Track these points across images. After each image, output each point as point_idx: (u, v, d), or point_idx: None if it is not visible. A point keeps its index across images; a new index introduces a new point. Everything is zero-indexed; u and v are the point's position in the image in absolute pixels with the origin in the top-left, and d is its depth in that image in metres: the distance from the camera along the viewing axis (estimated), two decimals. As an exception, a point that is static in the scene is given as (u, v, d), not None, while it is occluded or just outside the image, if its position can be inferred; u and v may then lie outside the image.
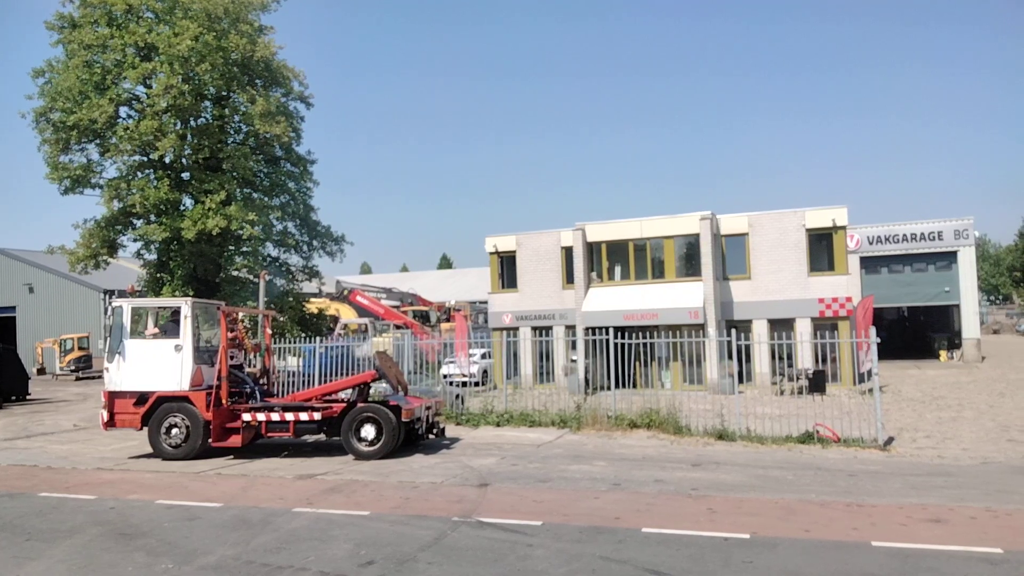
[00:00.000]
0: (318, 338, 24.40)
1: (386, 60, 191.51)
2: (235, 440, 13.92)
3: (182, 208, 26.97)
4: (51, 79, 26.34)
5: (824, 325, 24.46)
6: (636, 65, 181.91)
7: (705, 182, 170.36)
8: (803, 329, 24.87)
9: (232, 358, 14.66)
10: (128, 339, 14.21)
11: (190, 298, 14.64)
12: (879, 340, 14.46)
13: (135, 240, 27.83)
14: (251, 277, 27.39)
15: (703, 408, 17.45)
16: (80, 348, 41.12)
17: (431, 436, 14.88)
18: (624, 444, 14.33)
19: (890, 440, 13.98)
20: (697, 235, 25.95)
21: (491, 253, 30.50)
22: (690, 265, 26.70)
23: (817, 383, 21.83)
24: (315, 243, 30.50)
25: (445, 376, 22.50)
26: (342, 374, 18.69)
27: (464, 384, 21.17)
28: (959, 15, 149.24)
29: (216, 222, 24.86)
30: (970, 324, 35.19)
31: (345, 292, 40.47)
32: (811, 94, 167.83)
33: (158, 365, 14.04)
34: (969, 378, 26.80)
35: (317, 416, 13.73)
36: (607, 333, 17.20)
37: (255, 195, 28.31)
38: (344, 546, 7.82)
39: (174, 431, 13.77)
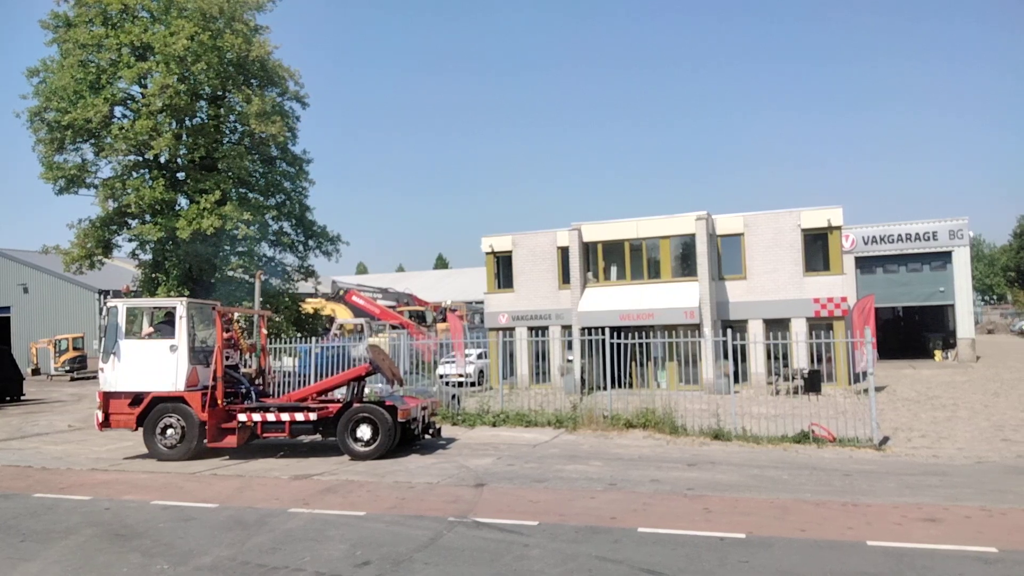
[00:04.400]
0: (314, 338, 24.41)
1: (381, 58, 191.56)
2: (230, 441, 13.88)
3: (177, 208, 26.92)
4: (46, 78, 26.28)
5: (819, 325, 24.54)
6: (633, 63, 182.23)
7: (701, 181, 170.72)
8: (798, 329, 24.93)
9: (227, 358, 14.62)
10: (123, 339, 14.16)
11: (185, 298, 14.59)
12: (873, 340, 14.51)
13: (130, 240, 27.80)
14: (247, 277, 27.35)
15: (699, 408, 17.48)
16: (75, 348, 41.00)
17: (427, 436, 14.87)
18: (620, 444, 14.34)
19: (885, 440, 14.02)
20: (693, 235, 26.00)
21: (487, 253, 30.51)
22: (686, 265, 26.75)
23: (812, 383, 21.90)
24: (311, 243, 30.47)
25: (441, 376, 22.51)
26: (338, 374, 18.66)
27: (460, 384, 21.17)
28: (955, 11, 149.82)
29: (211, 222, 24.81)
30: (965, 324, 35.32)
31: (341, 292, 40.43)
32: (808, 93, 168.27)
33: (153, 365, 13.99)
34: (964, 378, 26.89)
35: (313, 416, 13.71)
36: (603, 333, 17.21)
37: (250, 195, 28.26)
38: (340, 546, 7.81)
39: (169, 432, 13.73)
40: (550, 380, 27.13)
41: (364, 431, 13.33)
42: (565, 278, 28.30)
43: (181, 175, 27.50)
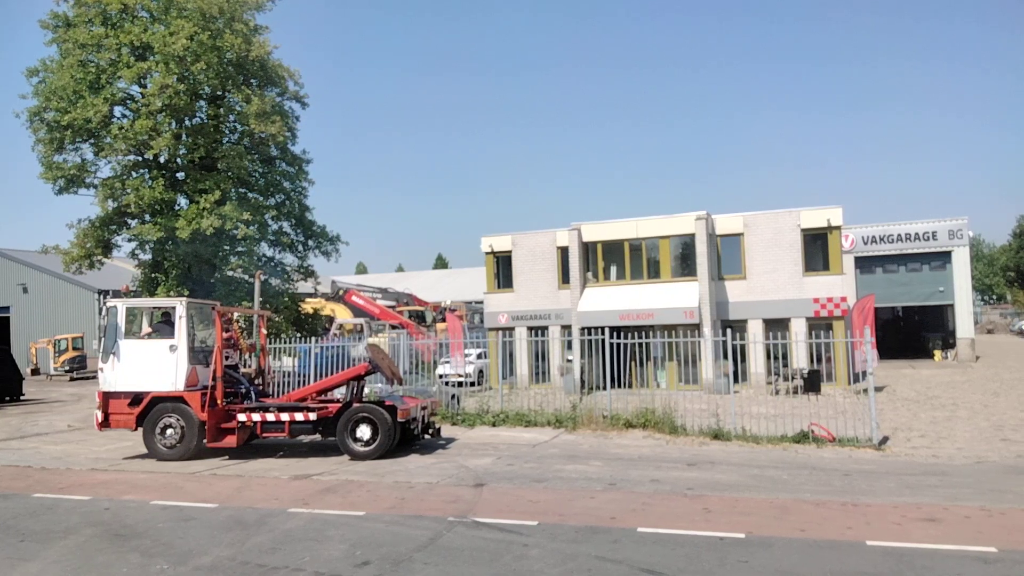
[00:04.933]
0: (313, 338, 24.40)
1: (381, 58, 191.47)
2: (230, 441, 13.87)
3: (177, 208, 26.93)
4: (45, 78, 26.30)
5: (819, 325, 24.54)
6: (633, 63, 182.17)
7: (701, 181, 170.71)
8: (798, 329, 24.94)
9: (227, 358, 14.62)
10: (123, 339, 14.15)
11: (185, 298, 14.58)
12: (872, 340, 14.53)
13: (129, 240, 27.81)
14: (246, 277, 27.35)
15: (698, 408, 17.48)
16: (74, 348, 40.97)
17: (427, 436, 14.87)
18: (620, 444, 14.34)
19: (885, 440, 14.02)
20: (692, 235, 26.00)
21: (487, 253, 30.52)
22: (685, 265, 26.75)
23: (812, 383, 21.90)
24: (310, 243, 30.49)
25: (441, 376, 22.50)
26: (337, 373, 18.65)
27: (460, 384, 21.16)
28: (955, 11, 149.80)
29: (211, 222, 24.82)
30: (964, 324, 35.33)
31: (341, 292, 40.44)
32: (808, 93, 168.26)
33: (153, 365, 13.98)
34: (963, 378, 26.89)
35: (312, 416, 13.70)
36: (603, 333, 17.21)
37: (250, 195, 28.29)
38: (340, 546, 7.81)
39: (169, 431, 13.72)
40: (550, 380, 27.12)
41: (364, 431, 13.32)
42: (565, 278, 28.30)
43: (181, 175, 27.52)
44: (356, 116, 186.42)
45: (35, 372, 41.54)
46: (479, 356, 28.77)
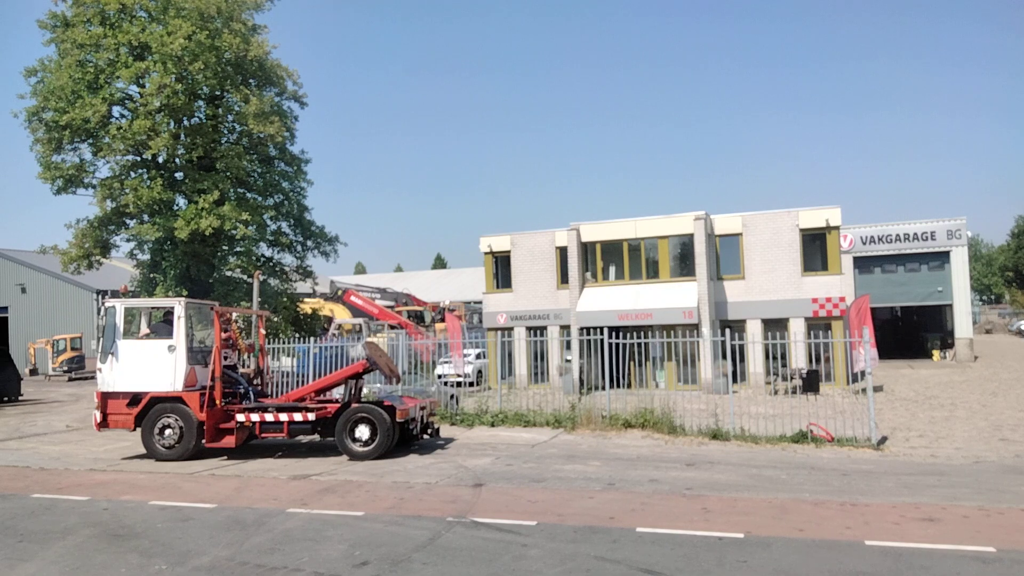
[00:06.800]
0: (312, 338, 24.38)
1: (381, 58, 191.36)
2: (229, 441, 13.87)
3: (175, 208, 26.90)
4: (44, 78, 26.26)
5: (818, 325, 24.58)
6: (633, 63, 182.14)
7: (701, 181, 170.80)
8: (797, 329, 24.96)
9: (226, 358, 14.61)
10: (121, 339, 14.14)
11: (183, 298, 14.57)
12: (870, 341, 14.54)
13: (128, 240, 27.81)
14: (245, 277, 27.31)
15: (697, 408, 17.50)
16: (73, 349, 40.93)
17: (426, 436, 14.87)
18: (618, 444, 14.35)
19: (883, 439, 14.04)
20: (691, 235, 26.02)
21: (485, 253, 30.53)
22: (684, 265, 26.77)
23: (811, 383, 21.91)
24: (309, 243, 30.46)
25: (440, 376, 22.48)
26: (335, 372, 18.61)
27: (459, 384, 21.15)
28: (955, 11, 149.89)
29: (209, 222, 24.79)
30: (963, 324, 35.36)
31: (339, 292, 40.40)
32: (808, 93, 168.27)
33: (151, 366, 13.98)
34: (962, 377, 26.92)
35: (311, 416, 13.69)
36: (601, 333, 17.22)
37: (249, 195, 28.26)
38: (338, 547, 7.81)
39: (167, 432, 13.71)
40: (548, 380, 27.12)
41: (362, 431, 13.32)
42: (563, 278, 28.30)
43: (179, 175, 27.48)
44: (355, 116, 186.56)
45: (33, 372, 41.51)
46: (478, 356, 28.77)
